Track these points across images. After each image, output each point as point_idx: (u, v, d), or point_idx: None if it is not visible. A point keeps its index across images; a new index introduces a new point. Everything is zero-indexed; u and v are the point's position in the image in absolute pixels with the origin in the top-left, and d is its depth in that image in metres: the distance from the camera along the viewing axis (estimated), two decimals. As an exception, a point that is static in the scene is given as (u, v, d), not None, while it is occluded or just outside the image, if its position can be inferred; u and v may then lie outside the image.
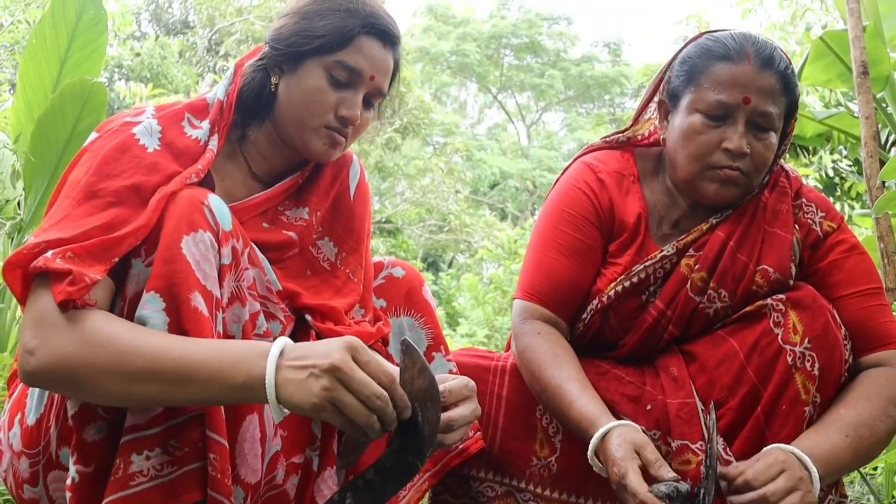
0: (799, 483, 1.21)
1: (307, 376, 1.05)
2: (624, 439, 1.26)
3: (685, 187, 1.51)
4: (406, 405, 1.09)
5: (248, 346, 1.11)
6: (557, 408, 1.40)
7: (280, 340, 1.09)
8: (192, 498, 1.12)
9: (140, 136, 1.24)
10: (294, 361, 1.07)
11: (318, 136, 1.36)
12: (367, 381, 1.05)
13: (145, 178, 1.19)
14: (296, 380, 1.05)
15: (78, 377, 1.06)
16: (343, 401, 1.04)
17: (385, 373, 1.07)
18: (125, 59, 11.34)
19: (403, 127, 14.22)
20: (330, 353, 1.05)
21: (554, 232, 1.54)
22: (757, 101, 1.41)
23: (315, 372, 1.05)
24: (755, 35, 1.47)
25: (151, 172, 1.20)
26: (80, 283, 1.07)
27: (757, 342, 1.42)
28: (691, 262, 1.50)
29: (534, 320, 1.50)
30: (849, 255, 1.49)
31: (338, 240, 1.46)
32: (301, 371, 1.05)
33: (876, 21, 3.42)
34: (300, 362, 1.06)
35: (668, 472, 1.22)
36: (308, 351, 1.07)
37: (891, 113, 3.54)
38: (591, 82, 23.36)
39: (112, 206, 1.15)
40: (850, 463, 1.32)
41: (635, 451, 1.24)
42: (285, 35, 1.36)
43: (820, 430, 1.33)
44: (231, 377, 1.06)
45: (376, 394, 1.05)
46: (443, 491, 1.56)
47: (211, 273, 1.16)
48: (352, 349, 1.06)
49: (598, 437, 1.29)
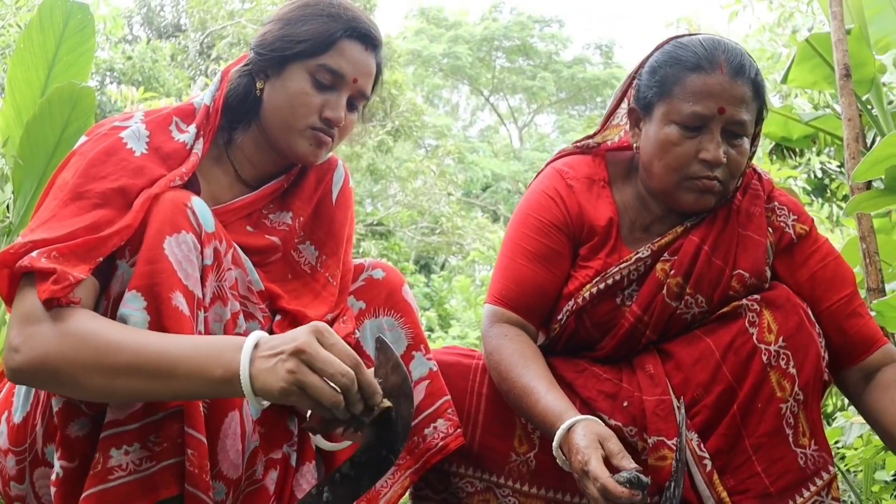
0: None
1: (275, 362, 1.07)
2: (588, 430, 1.29)
3: (662, 197, 1.53)
4: (374, 390, 1.11)
5: (225, 340, 1.14)
6: (524, 406, 1.42)
7: (255, 334, 1.11)
8: (169, 492, 1.14)
9: (128, 140, 1.27)
10: (267, 351, 1.09)
11: (303, 138, 1.39)
12: (330, 360, 1.07)
13: (131, 181, 1.22)
14: (265, 368, 1.07)
15: (61, 373, 1.08)
16: (307, 381, 1.06)
17: (349, 355, 1.09)
18: (117, 62, 11.32)
19: (395, 129, 14.24)
20: (296, 337, 1.08)
21: (522, 238, 1.57)
22: (731, 111, 1.43)
23: (282, 357, 1.07)
24: (724, 41, 1.49)
25: (137, 176, 1.23)
26: (63, 282, 1.09)
27: (732, 341, 1.44)
28: (666, 266, 1.52)
29: (502, 324, 1.53)
30: (826, 265, 1.53)
31: (318, 243, 1.49)
32: (270, 359, 1.08)
33: (861, 24, 3.45)
34: (272, 350, 1.09)
35: (630, 462, 1.24)
36: (279, 339, 1.10)
37: (876, 115, 3.57)
38: (582, 84, 23.41)
39: (98, 208, 1.18)
40: None
41: (599, 442, 1.27)
42: (269, 41, 1.40)
43: None
44: (209, 371, 1.08)
45: (341, 371, 1.07)
46: (423, 486, 1.58)
47: (193, 273, 1.18)
48: (317, 332, 1.09)
49: (564, 430, 1.32)
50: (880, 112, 3.53)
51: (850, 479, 2.77)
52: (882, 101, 3.49)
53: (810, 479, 1.41)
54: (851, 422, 2.44)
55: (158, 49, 11.88)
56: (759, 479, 1.40)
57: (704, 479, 1.40)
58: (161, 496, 1.14)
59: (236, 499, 1.30)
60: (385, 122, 14.10)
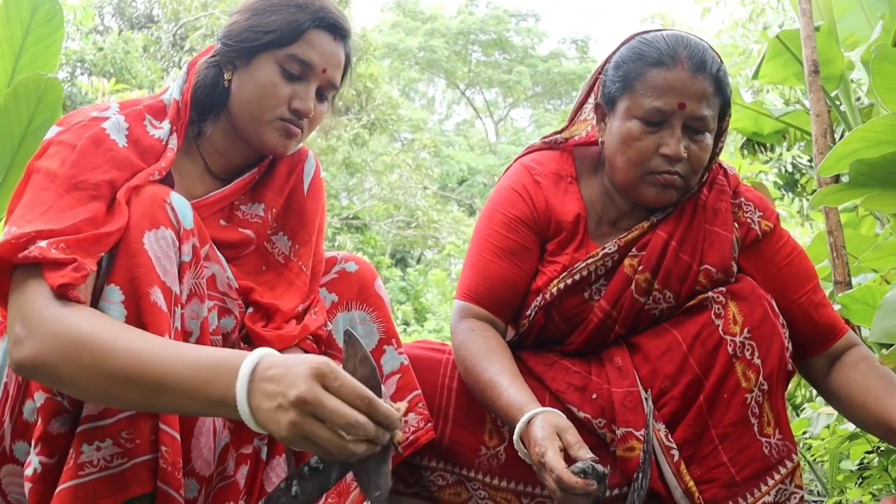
0: None
1: (276, 407, 0.98)
2: (547, 423, 1.29)
3: (625, 191, 1.54)
4: (391, 422, 1.01)
5: (222, 360, 1.04)
6: (488, 399, 1.43)
7: (253, 356, 1.02)
8: (141, 489, 1.13)
9: (111, 131, 1.26)
10: (266, 385, 0.99)
11: (272, 129, 1.38)
12: (340, 411, 0.97)
13: (119, 173, 1.21)
14: (266, 409, 0.98)
15: (60, 373, 1.05)
16: (315, 433, 0.97)
17: (359, 395, 0.99)
18: (87, 53, 11.17)
19: (371, 123, 14.19)
20: (296, 383, 0.97)
21: (490, 234, 1.58)
22: (692, 106, 1.45)
23: (283, 404, 0.97)
24: (687, 37, 1.50)
25: (123, 168, 1.22)
26: (82, 271, 1.08)
27: (699, 333, 1.46)
28: (634, 262, 1.53)
29: (470, 319, 1.54)
30: (792, 260, 1.55)
31: (291, 233, 1.49)
32: (270, 399, 0.98)
33: (830, 21, 3.50)
34: (271, 387, 0.99)
35: (587, 453, 1.25)
36: (278, 373, 0.99)
37: (844, 111, 3.62)
38: (558, 79, 23.49)
39: (94, 200, 1.17)
40: None
41: (557, 433, 1.28)
42: (237, 31, 1.39)
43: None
44: (206, 393, 1.02)
45: (352, 423, 0.97)
46: (395, 480, 1.58)
47: (171, 269, 1.17)
48: (320, 376, 0.98)
49: (524, 422, 1.32)
50: (848, 108, 3.58)
51: (816, 468, 2.81)
52: (850, 97, 3.54)
53: (775, 468, 1.43)
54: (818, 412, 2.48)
55: (130, 40, 11.74)
56: (725, 468, 1.42)
57: (672, 470, 1.42)
58: (132, 493, 1.13)
59: (208, 495, 1.29)
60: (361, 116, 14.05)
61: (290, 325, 1.41)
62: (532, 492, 1.51)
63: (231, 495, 1.32)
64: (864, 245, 3.04)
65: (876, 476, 2.40)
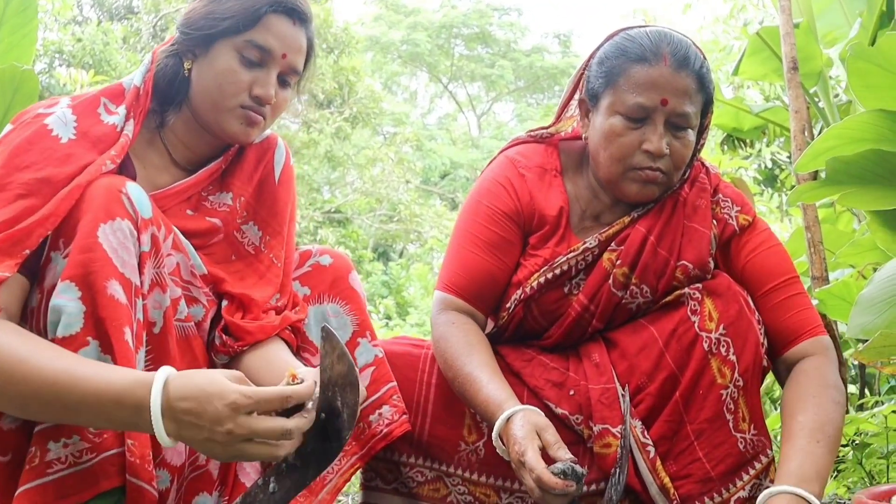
0: None
1: (204, 439, 1.07)
2: (526, 421, 1.30)
3: (608, 187, 1.54)
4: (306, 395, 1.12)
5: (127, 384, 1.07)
6: (468, 393, 1.43)
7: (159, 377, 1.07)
8: (110, 483, 1.13)
9: (53, 127, 1.24)
10: (183, 417, 1.06)
11: (233, 117, 1.37)
12: (269, 428, 1.08)
13: (58, 169, 1.19)
14: (194, 439, 1.07)
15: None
16: (251, 452, 1.09)
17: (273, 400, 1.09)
18: (66, 44, 11.05)
19: (353, 116, 14.15)
20: (220, 420, 1.05)
21: (473, 226, 1.57)
22: (674, 103, 1.45)
23: (211, 437, 1.06)
24: (671, 33, 1.50)
25: (64, 163, 1.20)
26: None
27: (675, 330, 1.46)
28: (613, 256, 1.54)
29: (450, 311, 1.54)
30: (760, 253, 1.54)
31: (262, 223, 1.47)
32: (196, 430, 1.06)
33: (809, 18, 3.52)
34: (192, 419, 1.06)
35: (566, 453, 1.25)
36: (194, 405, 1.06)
37: (823, 107, 3.65)
38: (541, 73, 23.51)
39: (21, 199, 1.15)
40: (829, 460, 1.35)
41: (536, 432, 1.28)
42: (194, 19, 1.37)
43: (794, 447, 1.35)
44: (117, 415, 1.07)
45: (281, 432, 1.08)
46: (374, 477, 1.58)
47: (129, 261, 1.16)
48: (237, 409, 1.06)
49: (503, 420, 1.33)
50: (826, 104, 3.61)
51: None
52: (829, 93, 3.57)
53: (749, 463, 1.44)
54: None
55: (110, 31, 11.61)
56: (700, 464, 1.43)
57: (647, 466, 1.42)
58: (102, 488, 1.12)
59: (181, 486, 1.29)
60: (343, 109, 14.00)
61: (270, 315, 1.41)
62: (511, 487, 1.51)
63: (204, 485, 1.32)
64: (841, 240, 3.07)
65: (851, 469, 2.43)
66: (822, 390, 1.41)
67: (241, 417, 1.06)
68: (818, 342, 1.47)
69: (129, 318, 1.14)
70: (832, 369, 1.44)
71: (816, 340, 1.47)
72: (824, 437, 1.35)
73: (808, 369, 1.45)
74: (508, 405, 1.34)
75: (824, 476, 1.33)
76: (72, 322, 1.11)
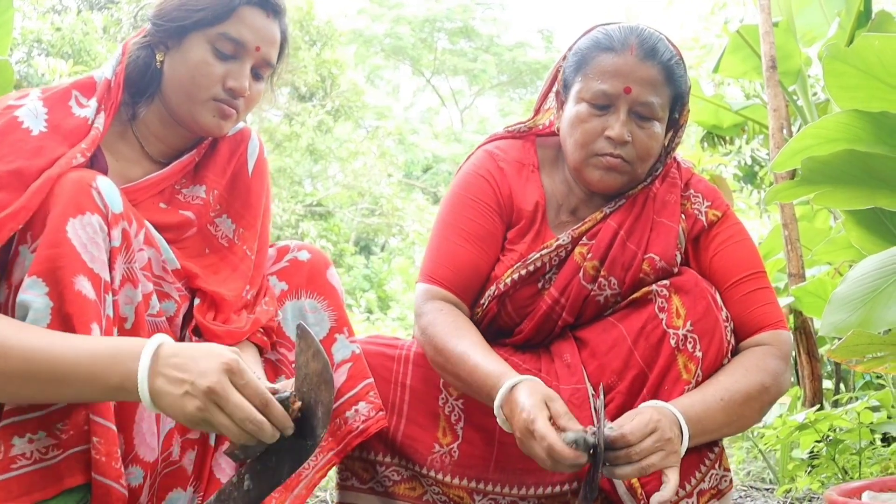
0: (665, 444, 1.26)
1: (182, 394, 1.06)
2: (534, 390, 1.27)
3: (575, 174, 1.56)
4: (286, 425, 1.12)
5: (121, 346, 1.10)
6: (462, 373, 1.40)
7: (154, 340, 1.09)
8: (75, 481, 1.12)
9: (24, 119, 1.22)
10: (171, 371, 1.07)
11: (206, 110, 1.37)
12: (241, 405, 1.07)
13: (28, 162, 1.17)
14: (171, 394, 1.06)
15: None
16: (216, 421, 1.07)
17: (259, 395, 1.09)
18: (45, 33, 10.92)
19: (336, 109, 14.10)
20: (207, 374, 1.06)
21: (456, 218, 1.57)
22: (638, 91, 1.46)
23: (190, 391, 1.06)
24: (644, 27, 1.52)
25: (35, 156, 1.18)
26: None
27: (643, 327, 1.47)
28: (584, 250, 1.54)
29: (436, 300, 1.53)
30: (727, 246, 1.55)
31: (235, 216, 1.47)
32: (177, 385, 1.06)
33: (789, 17, 3.55)
34: (177, 374, 1.07)
35: (576, 424, 1.23)
36: (185, 360, 1.08)
37: (801, 105, 3.68)
38: (523, 68, 23.52)
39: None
40: (723, 425, 1.38)
41: (544, 402, 1.26)
42: (167, 10, 1.36)
43: (697, 392, 1.39)
44: (104, 379, 1.06)
45: (249, 418, 1.07)
46: (350, 476, 1.57)
47: (99, 256, 1.15)
48: (229, 371, 1.07)
49: (507, 388, 1.30)
50: (805, 103, 3.64)
51: (768, 457, 2.87)
52: (807, 92, 3.60)
53: (705, 454, 1.45)
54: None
55: (90, 21, 11.49)
56: None
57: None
58: (66, 485, 1.11)
59: (154, 481, 1.28)
60: (325, 102, 13.95)
61: (241, 316, 1.40)
62: (484, 489, 1.51)
63: (178, 481, 1.31)
64: (818, 238, 3.10)
65: (824, 465, 2.46)
66: (755, 369, 1.43)
67: (226, 380, 1.06)
68: (776, 335, 1.49)
69: (97, 314, 1.12)
70: (777, 360, 1.45)
71: (775, 334, 1.49)
72: (730, 400, 1.38)
73: (755, 351, 1.47)
74: (510, 375, 1.32)
75: (708, 426, 1.35)
76: (38, 318, 1.10)
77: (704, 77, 5.67)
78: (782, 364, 1.46)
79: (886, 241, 2.03)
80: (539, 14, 41.99)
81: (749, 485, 2.82)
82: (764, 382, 1.42)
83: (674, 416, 1.31)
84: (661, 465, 1.26)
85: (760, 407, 1.43)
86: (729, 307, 1.49)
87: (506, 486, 1.50)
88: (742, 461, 3.18)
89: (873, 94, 1.76)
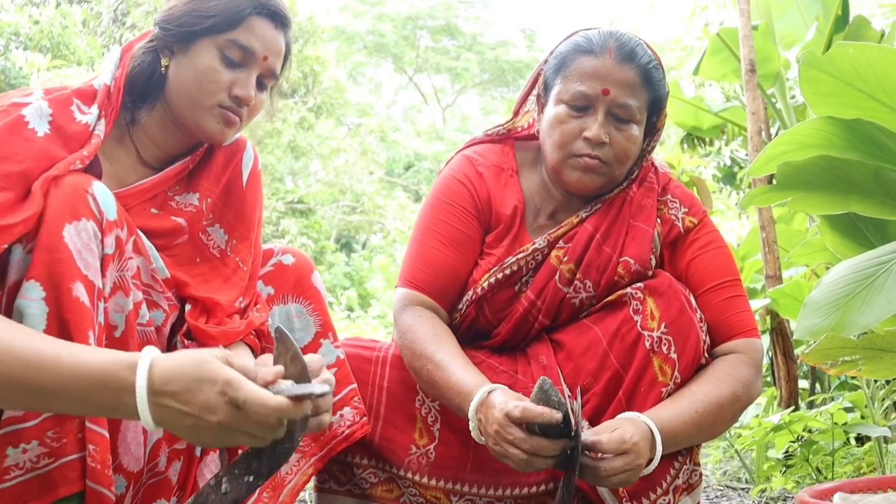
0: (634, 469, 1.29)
1: (192, 425, 1.01)
2: (509, 396, 1.31)
3: (553, 175, 1.57)
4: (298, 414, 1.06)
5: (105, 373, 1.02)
6: (439, 380, 1.42)
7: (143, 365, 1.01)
8: (69, 489, 1.11)
9: (30, 119, 1.21)
10: (169, 402, 1.00)
11: (211, 116, 1.36)
12: (261, 424, 1.02)
13: (34, 164, 1.17)
14: (180, 425, 1.01)
15: None
16: (235, 441, 1.05)
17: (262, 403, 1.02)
18: (23, 26, 10.79)
19: (317, 106, 14.05)
20: (212, 408, 1.00)
21: (435, 222, 1.58)
22: (616, 93, 1.49)
23: (202, 426, 1.01)
24: (623, 32, 1.55)
25: (40, 159, 1.18)
26: None
27: (618, 329, 1.48)
28: (560, 253, 1.56)
29: (415, 306, 1.54)
30: (703, 253, 1.57)
31: (228, 227, 1.46)
32: (181, 417, 1.01)
33: (768, 21, 3.58)
34: (178, 406, 1.00)
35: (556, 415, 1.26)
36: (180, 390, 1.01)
37: (780, 108, 3.72)
38: (506, 67, 23.56)
39: (1, 191, 1.13)
40: (695, 436, 1.42)
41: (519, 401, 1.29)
42: (176, 15, 1.36)
43: (673, 404, 1.41)
44: (95, 400, 1.02)
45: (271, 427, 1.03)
46: (327, 479, 1.58)
47: (93, 263, 1.15)
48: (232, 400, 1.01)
49: (484, 393, 1.33)
50: (784, 106, 3.67)
51: (744, 457, 2.90)
52: (786, 95, 3.63)
53: (680, 453, 1.47)
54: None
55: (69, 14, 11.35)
56: None
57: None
58: (60, 494, 1.11)
59: (137, 491, 1.28)
60: (307, 99, 13.90)
61: (234, 320, 1.40)
62: (461, 490, 1.52)
63: (162, 492, 1.31)
64: (796, 239, 3.13)
65: (799, 465, 2.49)
66: (728, 379, 1.45)
67: (233, 410, 1.01)
68: (749, 344, 1.51)
69: (91, 322, 1.12)
70: (749, 369, 1.48)
71: (748, 342, 1.51)
72: (703, 413, 1.40)
73: (728, 359, 1.49)
74: (487, 385, 1.35)
75: (681, 437, 1.39)
76: (35, 323, 1.09)
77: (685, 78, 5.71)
78: (754, 372, 1.48)
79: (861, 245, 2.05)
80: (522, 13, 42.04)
81: (725, 484, 2.85)
82: (736, 392, 1.44)
83: (649, 433, 1.34)
84: (618, 485, 1.31)
85: (732, 416, 1.46)
86: (703, 313, 1.51)
87: (482, 487, 1.51)
88: (718, 461, 3.22)
89: (848, 102, 1.78)
